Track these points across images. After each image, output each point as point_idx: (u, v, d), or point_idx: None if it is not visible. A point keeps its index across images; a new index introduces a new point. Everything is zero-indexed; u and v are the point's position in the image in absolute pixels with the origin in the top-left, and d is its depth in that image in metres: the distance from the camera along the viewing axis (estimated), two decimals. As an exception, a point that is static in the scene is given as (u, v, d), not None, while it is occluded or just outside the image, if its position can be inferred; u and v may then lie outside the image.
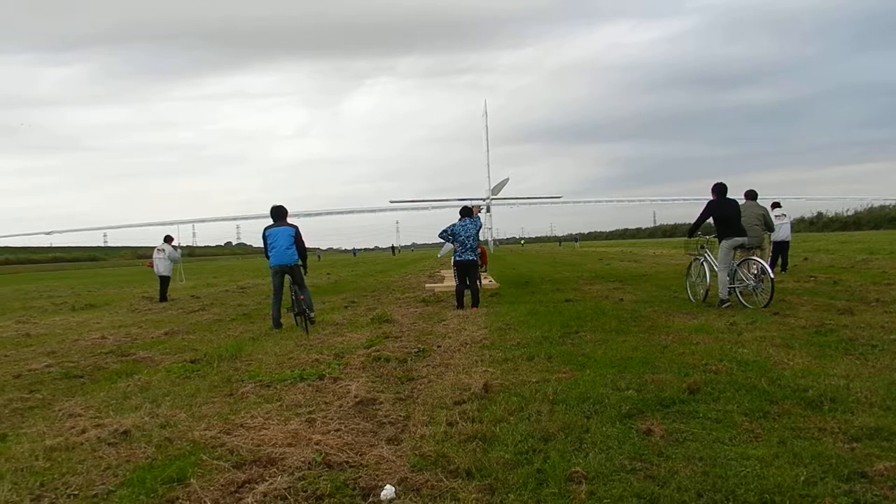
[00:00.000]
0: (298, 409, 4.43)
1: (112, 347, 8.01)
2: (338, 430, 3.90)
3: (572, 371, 5.13)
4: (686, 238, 10.27)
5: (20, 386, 5.80)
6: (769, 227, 10.52)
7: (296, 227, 9.05)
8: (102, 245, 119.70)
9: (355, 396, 4.64)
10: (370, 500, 2.89)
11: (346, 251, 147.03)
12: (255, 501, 2.91)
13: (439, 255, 30.80)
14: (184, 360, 6.62)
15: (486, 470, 3.10)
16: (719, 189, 9.13)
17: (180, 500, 2.96)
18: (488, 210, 24.34)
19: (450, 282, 14.84)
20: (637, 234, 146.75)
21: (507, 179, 32.92)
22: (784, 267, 14.47)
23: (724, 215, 8.96)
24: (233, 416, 4.33)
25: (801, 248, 25.71)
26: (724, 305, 8.68)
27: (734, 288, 8.82)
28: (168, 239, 16.12)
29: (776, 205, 14.64)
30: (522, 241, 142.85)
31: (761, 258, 9.57)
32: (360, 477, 3.13)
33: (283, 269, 8.91)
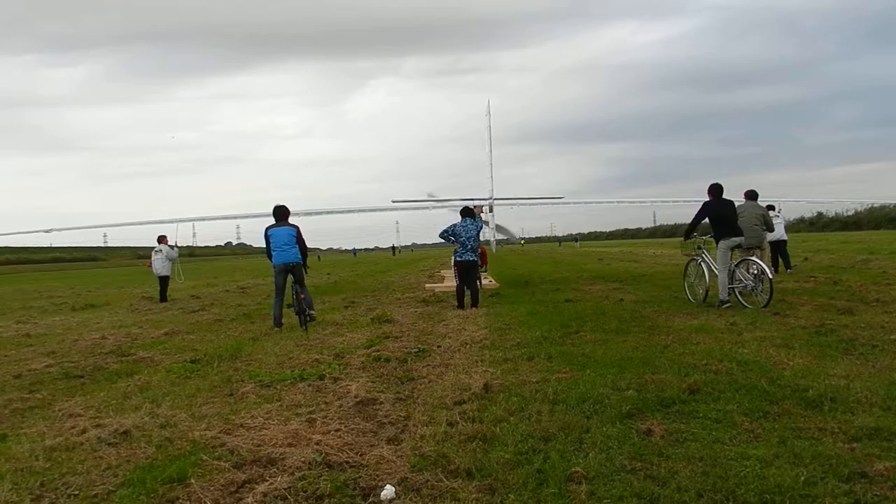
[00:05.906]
0: (298, 409, 4.43)
1: (112, 347, 8.01)
2: (338, 430, 3.90)
3: (572, 371, 5.13)
4: (682, 240, 10.26)
5: (20, 386, 5.80)
6: (769, 227, 10.51)
7: (297, 227, 9.27)
8: (102, 245, 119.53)
9: (355, 396, 4.64)
10: (370, 500, 2.89)
11: (346, 251, 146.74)
12: (255, 501, 2.91)
13: None
14: (184, 360, 6.62)
15: (486, 470, 3.10)
16: (715, 190, 9.13)
17: (180, 500, 2.96)
18: (491, 210, 24.16)
19: (450, 282, 14.84)
20: (637, 234, 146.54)
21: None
22: (788, 265, 14.49)
23: (720, 216, 8.95)
24: (233, 416, 4.33)
25: (801, 249, 25.70)
26: (723, 306, 8.67)
27: (733, 288, 8.81)
28: (161, 239, 16.09)
29: (770, 207, 14.75)
30: (522, 241, 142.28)
31: (761, 258, 9.56)
32: (360, 477, 3.13)
33: (287, 268, 9.07)
